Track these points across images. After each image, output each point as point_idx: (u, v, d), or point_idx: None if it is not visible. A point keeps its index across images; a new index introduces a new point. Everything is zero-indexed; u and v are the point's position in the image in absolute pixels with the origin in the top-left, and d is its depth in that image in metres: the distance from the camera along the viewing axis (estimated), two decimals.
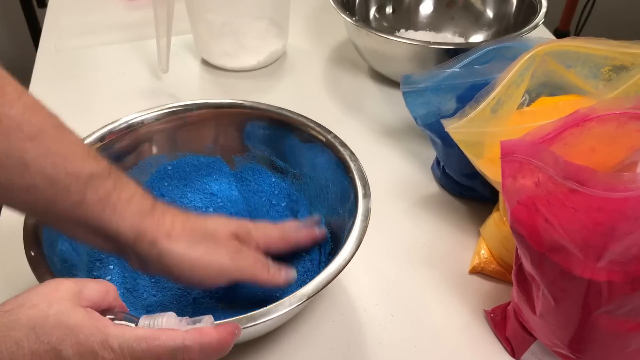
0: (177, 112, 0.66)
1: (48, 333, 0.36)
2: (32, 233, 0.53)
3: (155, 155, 0.66)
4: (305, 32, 1.02)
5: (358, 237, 0.52)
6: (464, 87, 0.64)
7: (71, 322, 0.37)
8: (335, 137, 0.62)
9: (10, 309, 0.37)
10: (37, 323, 0.36)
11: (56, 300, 0.38)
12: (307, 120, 0.64)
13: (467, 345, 0.58)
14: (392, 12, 1.00)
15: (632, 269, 0.43)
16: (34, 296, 0.38)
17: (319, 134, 0.63)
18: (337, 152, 0.61)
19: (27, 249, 0.51)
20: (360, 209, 0.55)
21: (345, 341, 0.58)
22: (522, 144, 0.45)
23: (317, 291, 0.48)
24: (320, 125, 0.63)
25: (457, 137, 0.59)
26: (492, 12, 0.96)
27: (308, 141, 0.64)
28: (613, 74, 0.61)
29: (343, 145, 0.61)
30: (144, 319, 0.41)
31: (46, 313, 0.37)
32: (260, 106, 0.66)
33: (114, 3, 1.07)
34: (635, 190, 0.40)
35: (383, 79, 0.91)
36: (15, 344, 0.36)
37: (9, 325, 0.36)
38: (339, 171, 0.60)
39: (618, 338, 0.47)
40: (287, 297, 0.48)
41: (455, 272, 0.64)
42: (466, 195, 0.72)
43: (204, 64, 0.94)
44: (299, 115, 0.64)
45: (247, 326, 0.46)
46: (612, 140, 0.48)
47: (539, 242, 0.46)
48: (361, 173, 0.58)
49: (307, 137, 0.63)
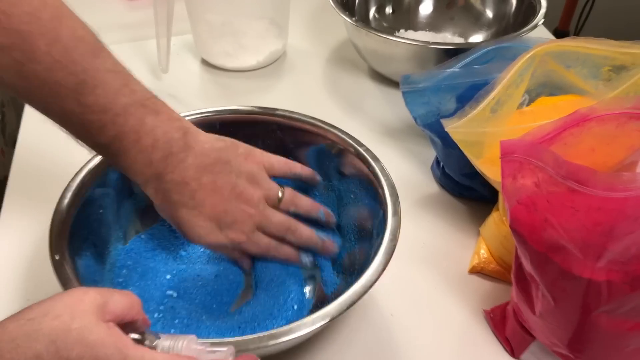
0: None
1: (69, 348, 0.36)
2: (58, 237, 0.52)
3: None
4: (305, 32, 1.02)
5: (386, 256, 0.51)
6: (464, 87, 0.64)
7: (92, 338, 0.37)
8: (367, 150, 0.60)
9: (33, 317, 0.37)
10: (58, 336, 0.36)
11: (80, 312, 0.37)
12: (337, 131, 0.62)
13: (467, 345, 0.58)
14: (392, 12, 1.00)
15: (632, 268, 0.43)
16: (58, 305, 0.38)
17: (350, 146, 0.61)
18: (369, 165, 0.59)
19: (52, 253, 0.50)
20: (389, 227, 0.53)
21: (344, 341, 0.58)
22: (521, 144, 0.45)
23: (342, 311, 0.47)
24: (351, 137, 0.62)
25: (457, 137, 0.59)
26: (491, 12, 0.96)
27: (338, 153, 0.62)
28: (613, 74, 0.61)
29: (375, 159, 0.59)
30: (164, 340, 0.41)
31: (69, 326, 0.36)
32: (292, 115, 0.64)
33: (114, 3, 1.07)
34: (634, 190, 0.40)
35: (383, 79, 0.91)
36: (35, 356, 0.36)
37: (32, 335, 0.36)
38: (368, 185, 0.59)
39: (617, 338, 0.47)
40: (311, 315, 0.46)
41: (454, 272, 0.64)
42: (466, 195, 0.72)
43: (204, 64, 0.94)
44: (331, 126, 0.63)
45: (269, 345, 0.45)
46: (612, 140, 0.48)
47: (538, 242, 0.46)
48: (392, 189, 0.56)
49: (337, 148, 0.62)
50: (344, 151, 0.62)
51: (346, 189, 0.63)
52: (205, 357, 0.41)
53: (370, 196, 0.59)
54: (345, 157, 0.62)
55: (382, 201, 0.56)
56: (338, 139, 0.62)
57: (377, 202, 0.57)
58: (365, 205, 0.60)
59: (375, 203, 0.58)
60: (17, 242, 0.65)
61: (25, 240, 0.65)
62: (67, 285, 0.48)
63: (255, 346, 0.44)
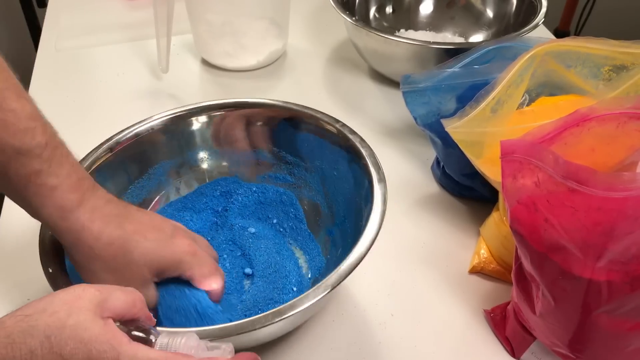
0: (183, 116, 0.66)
1: (62, 344, 0.36)
2: (50, 248, 0.51)
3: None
4: (305, 32, 1.02)
5: (378, 221, 0.52)
6: (464, 87, 0.64)
7: (86, 335, 0.37)
8: (344, 126, 0.61)
9: (30, 314, 0.37)
10: (53, 332, 0.36)
11: (77, 309, 0.37)
12: (314, 112, 0.64)
13: (467, 345, 0.58)
14: (392, 12, 1.00)
15: (632, 268, 0.43)
16: (56, 302, 0.38)
17: (327, 124, 0.63)
18: (347, 140, 0.60)
19: (45, 266, 0.50)
20: (377, 193, 0.54)
21: (345, 341, 0.58)
22: (522, 144, 0.45)
23: (343, 279, 0.48)
24: (327, 115, 0.63)
25: (457, 137, 0.59)
26: (492, 12, 0.96)
27: (317, 132, 0.63)
28: (613, 73, 0.61)
29: (352, 133, 0.61)
30: (163, 337, 0.40)
31: (64, 323, 0.36)
32: (265, 102, 0.66)
33: (114, 3, 1.07)
34: (634, 190, 0.40)
35: (383, 79, 0.91)
36: (29, 352, 0.36)
37: (27, 331, 0.36)
38: (349, 158, 0.60)
39: (618, 338, 0.47)
40: (311, 289, 0.47)
41: (455, 272, 0.64)
42: (466, 195, 0.72)
43: (204, 64, 0.94)
44: (305, 107, 0.64)
45: (275, 321, 0.45)
46: (612, 140, 0.48)
47: (538, 242, 0.46)
48: (374, 159, 0.58)
49: (316, 128, 0.63)
50: (321, 130, 0.63)
51: (329, 167, 0.63)
52: (204, 354, 0.41)
53: (353, 169, 0.60)
54: (323, 136, 0.63)
55: (365, 171, 0.57)
56: (314, 119, 0.64)
57: (361, 173, 0.58)
58: (350, 179, 0.61)
59: (358, 175, 0.58)
60: (17, 241, 0.65)
61: (25, 239, 0.65)
62: None
63: (260, 325, 0.45)
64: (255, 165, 0.68)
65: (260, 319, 0.45)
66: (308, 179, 0.66)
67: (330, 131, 0.62)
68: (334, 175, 0.63)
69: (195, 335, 0.41)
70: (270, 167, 0.67)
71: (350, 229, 0.59)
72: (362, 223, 0.53)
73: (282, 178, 0.67)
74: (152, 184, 0.65)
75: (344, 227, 0.61)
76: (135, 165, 0.63)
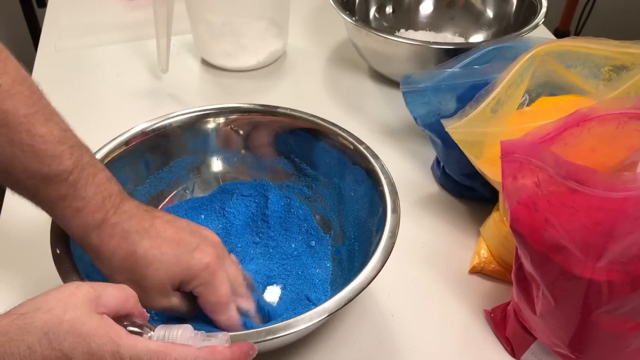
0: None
1: (61, 339, 0.36)
2: (60, 231, 0.52)
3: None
4: (305, 32, 1.02)
5: (384, 253, 0.51)
6: (464, 87, 0.64)
7: (84, 329, 0.37)
8: (367, 148, 0.61)
9: (26, 312, 0.37)
10: (50, 328, 0.36)
11: (72, 305, 0.38)
12: (339, 129, 0.63)
13: (467, 345, 0.58)
14: (392, 12, 1.00)
15: (632, 268, 0.43)
16: (50, 300, 0.38)
17: (350, 143, 0.62)
18: (369, 163, 0.60)
19: (53, 247, 0.51)
20: (388, 224, 0.53)
21: (345, 341, 0.58)
22: (522, 144, 0.45)
23: (340, 307, 0.47)
24: (352, 135, 0.62)
25: (457, 137, 0.59)
26: (492, 12, 0.96)
27: (340, 150, 0.63)
28: (613, 74, 0.61)
29: (375, 157, 0.60)
30: (159, 330, 0.41)
31: (61, 318, 0.37)
32: (293, 113, 0.65)
33: (114, 3, 1.07)
34: (635, 190, 0.40)
35: (383, 79, 0.91)
36: (28, 348, 0.36)
37: (24, 328, 0.36)
38: (368, 182, 0.59)
39: (618, 338, 0.47)
40: (309, 311, 0.47)
41: (455, 272, 0.64)
42: (466, 195, 0.72)
43: (204, 64, 0.94)
44: (332, 124, 0.64)
45: (267, 339, 0.45)
46: (612, 140, 0.48)
47: (539, 242, 0.46)
48: (392, 187, 0.57)
49: (340, 146, 0.63)
50: (345, 149, 0.62)
51: (346, 186, 0.63)
52: (201, 343, 0.41)
53: (370, 194, 0.59)
54: (345, 155, 0.62)
55: (381, 198, 0.56)
56: (339, 137, 0.63)
57: (377, 199, 0.57)
58: (365, 203, 0.60)
59: (374, 200, 0.58)
60: (17, 241, 0.65)
61: (25, 239, 0.65)
62: (67, 279, 0.49)
63: (254, 341, 0.44)
64: (274, 173, 0.67)
65: (253, 334, 0.46)
66: (325, 195, 0.65)
67: (354, 151, 0.62)
68: (351, 195, 0.62)
69: (191, 327, 0.42)
70: (290, 177, 0.67)
71: (358, 253, 0.59)
72: (371, 250, 0.53)
73: (299, 189, 0.66)
74: (172, 177, 0.66)
75: (352, 248, 0.61)
76: (157, 157, 0.65)
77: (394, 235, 0.53)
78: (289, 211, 0.66)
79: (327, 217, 0.65)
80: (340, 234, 0.63)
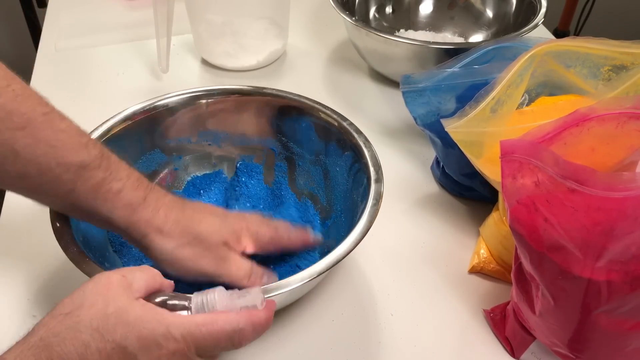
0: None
1: (111, 331, 0.38)
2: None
3: None
4: (305, 32, 1.02)
5: (369, 218, 0.53)
6: (464, 87, 0.64)
7: (131, 318, 0.38)
8: (350, 124, 0.63)
9: (70, 312, 0.38)
10: (99, 324, 0.38)
11: (112, 297, 0.39)
12: (323, 107, 0.65)
13: (467, 345, 0.58)
14: (392, 12, 1.00)
15: (632, 268, 0.43)
16: (89, 295, 0.39)
17: (335, 120, 0.64)
18: (352, 137, 0.62)
19: (53, 221, 0.52)
20: (372, 192, 0.56)
21: (345, 341, 0.58)
22: (521, 144, 0.45)
23: (329, 267, 0.49)
24: (336, 112, 0.65)
25: (457, 137, 0.59)
26: (492, 12, 0.96)
27: (324, 128, 0.65)
28: (613, 73, 0.61)
29: (358, 132, 0.62)
30: (195, 297, 0.42)
31: (105, 312, 0.38)
32: (279, 93, 0.67)
33: (114, 3, 1.07)
34: (634, 190, 0.40)
35: (383, 79, 0.91)
36: (83, 345, 0.37)
37: (74, 327, 0.38)
38: (352, 156, 0.62)
39: (617, 337, 0.47)
40: (298, 272, 0.49)
41: (454, 272, 0.64)
42: (466, 195, 0.72)
43: (204, 64, 0.94)
44: (316, 102, 0.66)
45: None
46: (612, 140, 0.48)
47: (538, 242, 0.46)
48: (375, 160, 0.59)
49: (324, 123, 0.65)
50: (329, 126, 0.64)
51: (332, 162, 0.65)
52: (238, 302, 0.42)
53: (355, 167, 0.61)
54: (330, 132, 0.64)
55: (365, 170, 0.59)
56: (324, 115, 0.65)
57: (361, 172, 0.59)
58: (350, 176, 0.62)
59: (359, 173, 0.60)
60: (17, 241, 0.65)
61: (25, 239, 0.65)
62: (68, 251, 0.50)
63: None
64: (261, 152, 0.70)
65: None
66: (311, 171, 0.68)
67: (337, 128, 0.64)
68: (336, 170, 0.65)
69: (223, 288, 0.43)
70: (277, 156, 0.69)
71: (345, 223, 0.61)
72: (356, 218, 0.55)
73: (286, 168, 0.69)
74: (162, 157, 0.68)
75: (339, 220, 0.63)
76: (148, 138, 0.66)
77: (378, 203, 0.55)
78: (279, 188, 0.69)
79: (315, 192, 0.67)
80: (327, 208, 0.66)
